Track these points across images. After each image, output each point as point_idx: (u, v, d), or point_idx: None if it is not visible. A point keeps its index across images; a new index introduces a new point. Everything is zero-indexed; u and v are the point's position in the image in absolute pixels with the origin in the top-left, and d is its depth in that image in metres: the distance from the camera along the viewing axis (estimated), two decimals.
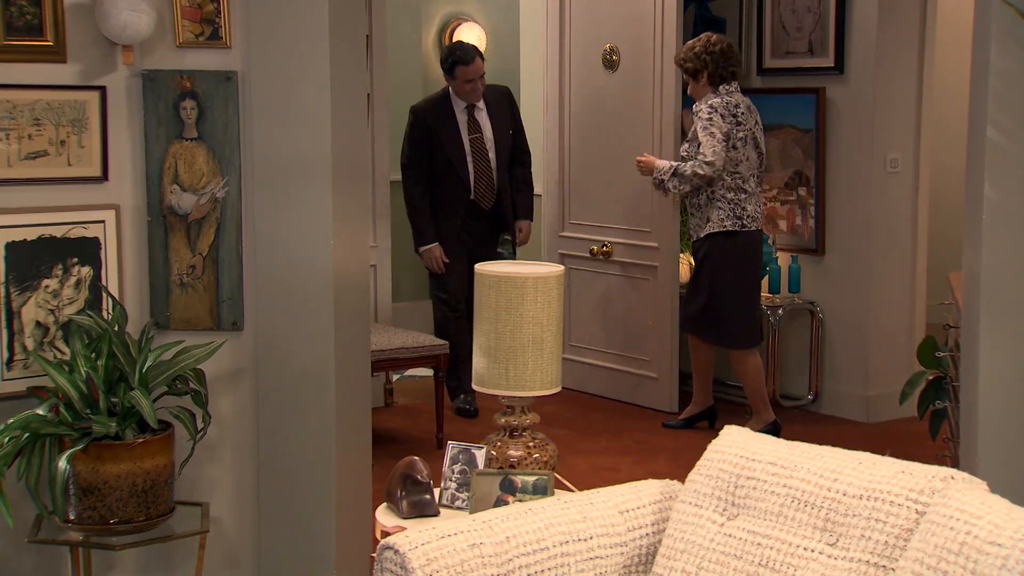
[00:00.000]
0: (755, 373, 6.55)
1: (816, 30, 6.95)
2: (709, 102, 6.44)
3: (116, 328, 3.94)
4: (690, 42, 6.61)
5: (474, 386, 3.39)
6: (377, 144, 7.08)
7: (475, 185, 7.01)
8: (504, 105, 7.14)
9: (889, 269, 7.00)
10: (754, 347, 6.59)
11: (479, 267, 3.37)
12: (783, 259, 7.09)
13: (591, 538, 2.88)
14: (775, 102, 7.12)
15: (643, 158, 6.69)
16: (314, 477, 4.22)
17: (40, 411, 3.84)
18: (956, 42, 8.33)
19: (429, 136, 6.93)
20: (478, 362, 3.33)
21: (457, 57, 6.91)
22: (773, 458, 2.86)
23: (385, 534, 3.14)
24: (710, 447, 3.00)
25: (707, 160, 6.33)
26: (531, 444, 3.37)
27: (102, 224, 4.19)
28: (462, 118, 6.99)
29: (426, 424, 6.58)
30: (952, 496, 2.53)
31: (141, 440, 3.87)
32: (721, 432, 3.04)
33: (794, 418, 7.00)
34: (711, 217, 6.45)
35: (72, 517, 3.87)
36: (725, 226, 6.41)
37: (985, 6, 3.80)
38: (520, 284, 3.23)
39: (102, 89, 4.15)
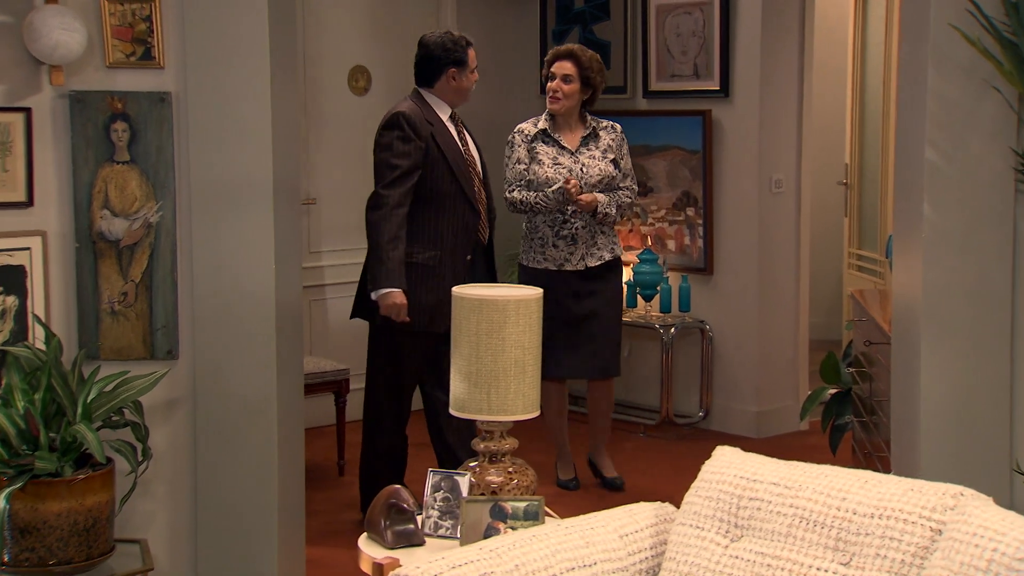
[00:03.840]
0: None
1: (701, 54, 7.06)
2: (620, 126, 5.97)
3: (54, 360, 3.77)
4: (589, 50, 5.91)
5: (452, 411, 3.33)
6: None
7: (483, 211, 5.46)
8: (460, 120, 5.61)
9: (775, 287, 7.14)
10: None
11: (457, 291, 3.31)
12: (673, 279, 7.17)
13: (595, 564, 2.85)
14: (661, 124, 7.22)
15: (585, 197, 5.69)
16: (255, 509, 4.11)
17: None
18: (829, 67, 8.61)
19: (426, 150, 5.24)
20: (457, 387, 3.28)
21: (463, 38, 5.43)
22: (775, 478, 2.87)
23: (376, 566, 3.06)
24: (705, 468, 3.00)
25: (636, 187, 6.01)
26: (511, 469, 3.33)
27: (28, 251, 4.02)
28: (451, 128, 5.40)
29: (327, 452, 6.45)
30: (971, 513, 2.57)
31: (83, 476, 3.71)
32: (714, 453, 3.05)
33: (686, 436, 7.08)
34: (615, 241, 5.96)
35: (7, 560, 3.69)
36: (616, 253, 5.98)
37: (921, 30, 3.91)
38: (502, 307, 3.19)
39: (27, 111, 3.99)
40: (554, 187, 5.68)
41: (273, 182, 4.02)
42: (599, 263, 5.85)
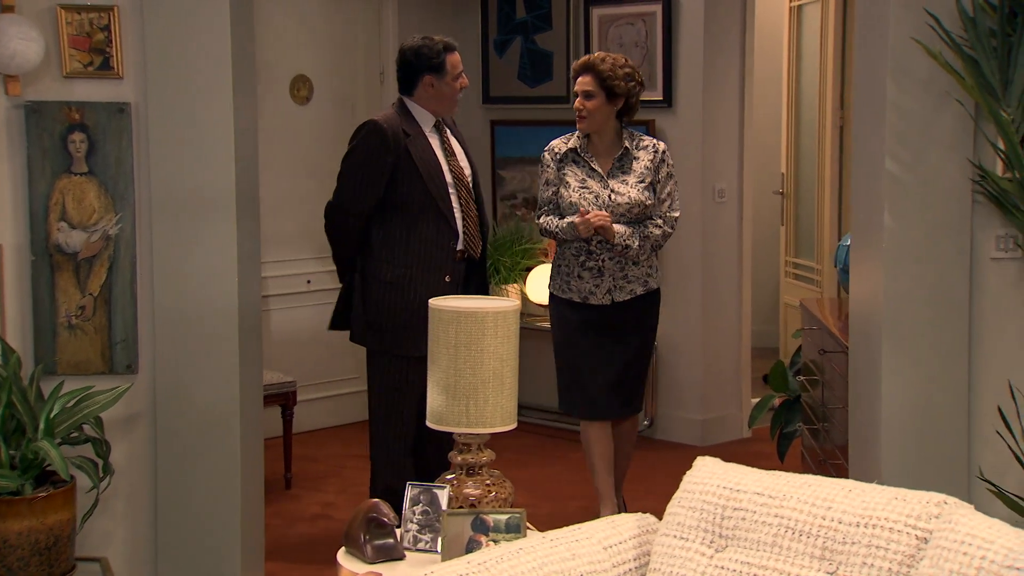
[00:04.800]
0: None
1: (644, 64, 7.09)
2: (663, 144, 5.33)
3: (14, 376, 3.70)
4: (610, 55, 5.27)
5: (430, 424, 3.31)
6: None
7: (464, 227, 4.99)
8: (457, 128, 5.27)
9: (718, 296, 7.19)
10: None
11: (434, 303, 3.29)
12: None
13: None
14: None
15: (602, 221, 5.05)
16: (217, 523, 4.07)
17: None
18: (763, 79, 8.69)
19: (395, 162, 4.84)
20: (435, 399, 3.26)
21: (443, 42, 4.98)
22: (759, 488, 2.89)
23: None
24: (687, 479, 3.01)
25: (677, 215, 5.26)
26: (489, 482, 3.32)
27: None
28: (433, 139, 4.97)
29: (273, 465, 6.39)
30: (958, 521, 2.60)
31: (44, 494, 3.65)
32: (695, 463, 3.06)
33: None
34: (657, 266, 5.33)
35: None
36: (650, 286, 5.29)
37: (880, 43, 3.96)
38: (480, 319, 3.18)
39: None
40: (567, 220, 5.11)
41: (236, 191, 3.98)
42: (629, 297, 5.18)
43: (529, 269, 7.34)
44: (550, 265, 6.06)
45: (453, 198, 4.94)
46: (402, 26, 7.56)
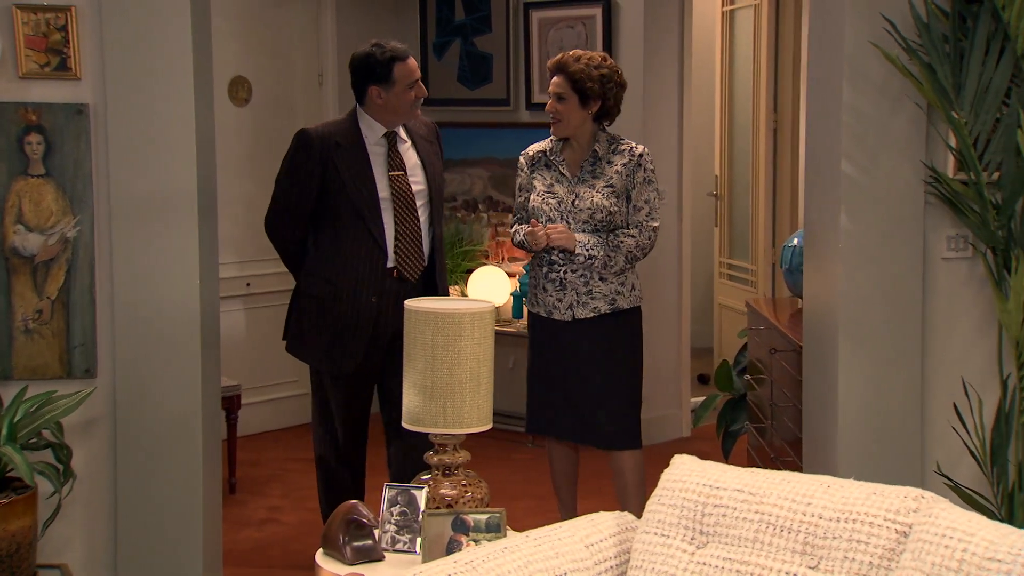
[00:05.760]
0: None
1: None
2: (643, 148, 4.94)
3: None
4: (586, 54, 4.88)
5: (406, 424, 3.31)
6: None
7: (396, 246, 4.70)
8: (434, 142, 4.98)
9: (658, 297, 7.24)
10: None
11: (410, 303, 3.29)
12: None
13: (566, 574, 2.87)
14: (545, 135, 7.20)
15: (558, 236, 4.73)
16: (178, 527, 4.03)
17: None
18: (695, 82, 8.78)
19: (322, 172, 4.64)
20: (411, 400, 3.26)
21: (392, 51, 4.68)
22: (739, 485, 2.93)
23: None
24: (665, 477, 3.04)
25: (656, 225, 4.88)
26: (464, 482, 3.33)
27: None
28: (377, 150, 4.71)
29: None
30: (938, 515, 2.66)
31: (6, 501, 3.59)
32: (673, 461, 3.09)
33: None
34: (634, 284, 4.95)
35: None
36: (617, 305, 4.90)
37: (836, 47, 4.03)
38: (458, 320, 3.19)
39: None
40: (524, 229, 4.84)
41: (198, 193, 3.95)
42: (592, 315, 4.80)
43: (470, 271, 7.35)
44: (491, 267, 6.10)
45: (386, 214, 4.65)
46: (340, 28, 7.55)
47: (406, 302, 3.34)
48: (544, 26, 7.27)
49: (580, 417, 4.89)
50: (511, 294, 7.13)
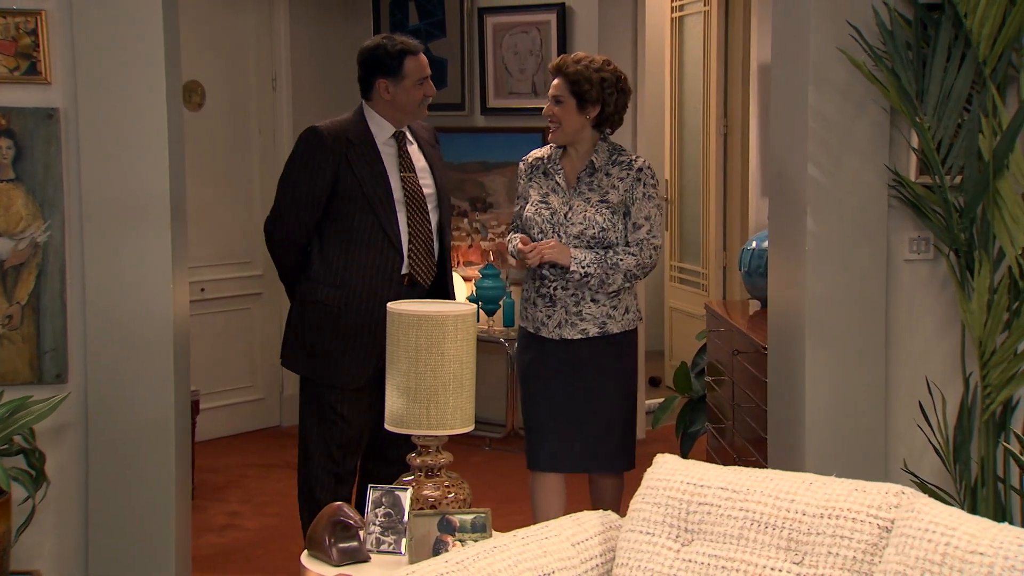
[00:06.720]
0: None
1: (539, 72, 7.19)
2: (644, 161, 4.71)
3: None
4: (587, 56, 4.63)
5: (389, 427, 3.32)
6: None
7: (409, 249, 4.50)
8: (436, 146, 4.79)
9: None
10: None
11: (392, 306, 3.31)
12: (516, 293, 7.27)
13: (554, 572, 2.90)
14: (500, 140, 7.32)
15: (551, 252, 4.46)
16: (150, 532, 4.02)
17: None
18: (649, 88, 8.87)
19: (335, 172, 4.42)
20: (394, 402, 3.28)
21: (403, 44, 4.51)
22: (722, 483, 2.97)
23: None
24: (648, 475, 3.08)
25: (658, 243, 4.59)
26: (447, 483, 3.35)
27: None
28: (387, 150, 4.52)
29: None
30: (920, 510, 2.72)
31: None
32: (655, 460, 3.13)
33: None
34: (628, 306, 4.63)
35: None
36: (607, 329, 4.59)
37: (801, 52, 4.10)
38: (441, 323, 3.21)
39: None
40: (516, 239, 4.64)
41: (170, 198, 3.94)
42: (580, 337, 4.52)
43: None
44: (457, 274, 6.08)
45: (401, 216, 4.46)
46: (293, 32, 7.55)
47: (389, 304, 3.36)
48: (499, 31, 7.31)
49: (569, 444, 4.57)
50: (467, 298, 7.15)
